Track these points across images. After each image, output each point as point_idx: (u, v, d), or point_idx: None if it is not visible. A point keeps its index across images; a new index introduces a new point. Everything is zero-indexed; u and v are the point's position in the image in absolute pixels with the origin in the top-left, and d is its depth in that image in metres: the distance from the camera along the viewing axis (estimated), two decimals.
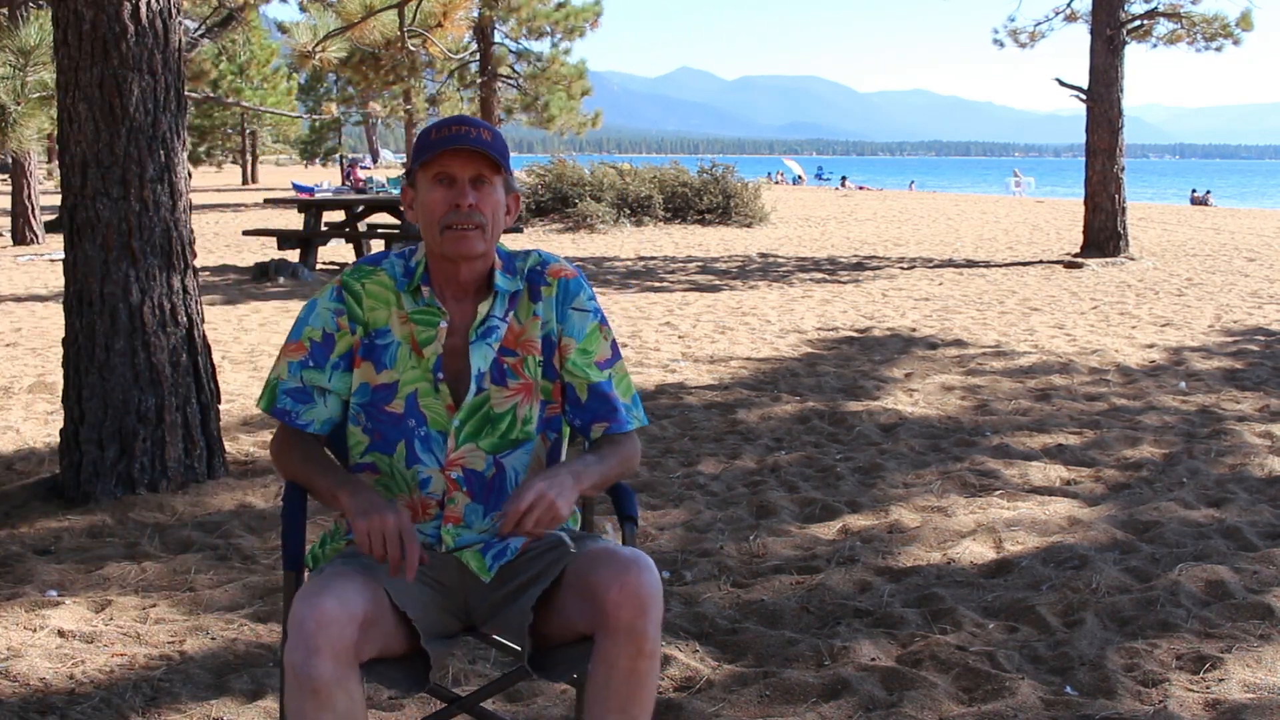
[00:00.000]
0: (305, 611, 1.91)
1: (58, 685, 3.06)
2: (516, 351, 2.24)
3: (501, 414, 2.23)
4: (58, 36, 4.68)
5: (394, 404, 2.22)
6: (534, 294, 2.26)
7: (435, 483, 2.22)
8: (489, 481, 2.23)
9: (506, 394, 2.23)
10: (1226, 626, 3.44)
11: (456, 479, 2.22)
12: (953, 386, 7.11)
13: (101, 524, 4.42)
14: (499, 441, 2.23)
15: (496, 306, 2.24)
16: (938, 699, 2.98)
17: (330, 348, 2.24)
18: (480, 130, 2.19)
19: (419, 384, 2.22)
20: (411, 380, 2.22)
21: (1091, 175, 16.14)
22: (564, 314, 2.26)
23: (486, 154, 2.16)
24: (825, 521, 4.53)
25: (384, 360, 2.23)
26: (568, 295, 2.27)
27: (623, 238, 20.10)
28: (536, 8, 29.52)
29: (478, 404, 2.22)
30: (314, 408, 2.24)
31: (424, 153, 2.18)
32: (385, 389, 2.23)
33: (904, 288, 12.76)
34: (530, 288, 2.26)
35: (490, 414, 2.22)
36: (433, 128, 2.22)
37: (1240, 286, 12.85)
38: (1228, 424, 6.08)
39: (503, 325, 2.24)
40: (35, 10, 8.08)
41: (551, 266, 2.29)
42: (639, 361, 7.94)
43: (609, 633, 2.01)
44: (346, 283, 2.26)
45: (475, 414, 2.22)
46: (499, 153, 2.18)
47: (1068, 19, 17.91)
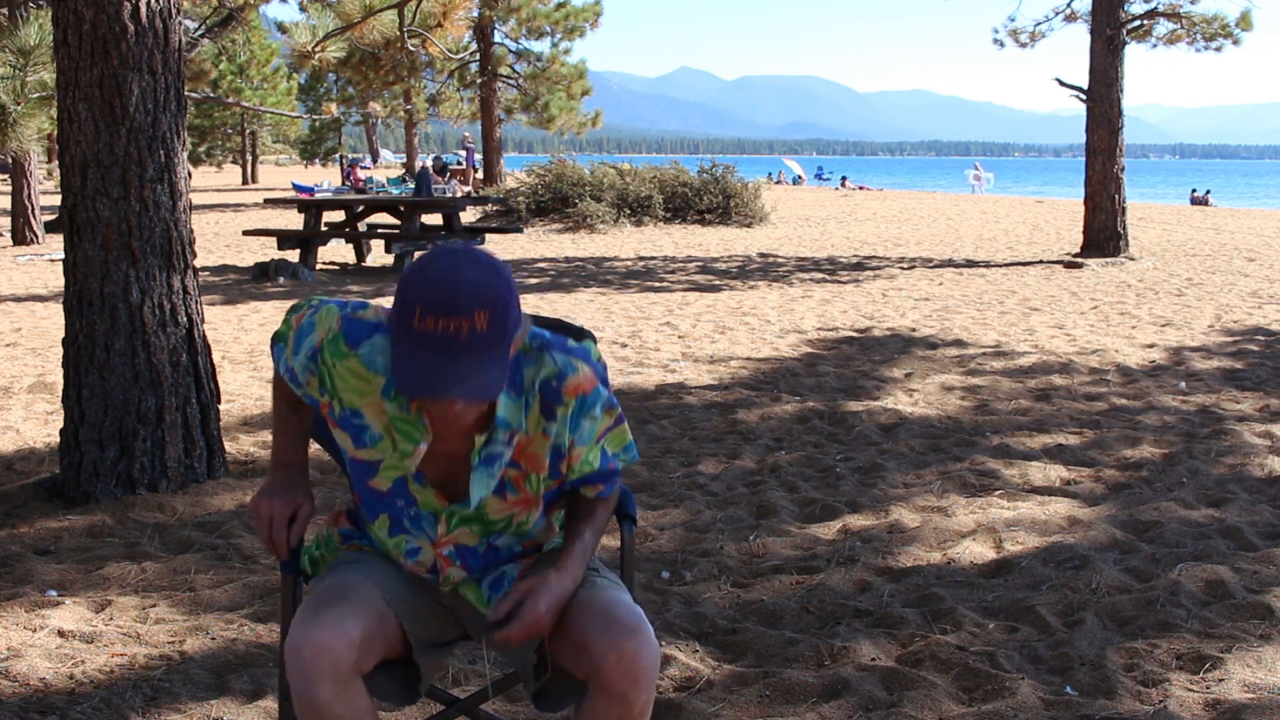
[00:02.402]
0: (300, 640, 1.89)
1: (58, 685, 3.06)
2: (521, 465, 2.04)
3: (497, 520, 2.10)
4: (58, 36, 4.68)
5: (378, 481, 2.06)
6: (547, 411, 2.01)
7: (425, 554, 2.12)
8: (484, 554, 2.14)
9: (503, 506, 2.08)
10: (1226, 626, 3.44)
11: (448, 554, 2.12)
12: (953, 386, 7.11)
13: (101, 524, 4.42)
14: (494, 529, 2.12)
15: (497, 438, 2.00)
16: (938, 699, 2.98)
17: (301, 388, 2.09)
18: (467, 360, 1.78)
19: (406, 474, 2.03)
20: (396, 467, 2.03)
21: (1091, 175, 16.14)
22: (576, 425, 2.05)
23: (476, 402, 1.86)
24: (825, 521, 4.53)
25: (362, 439, 2.03)
26: (584, 409, 2.04)
27: (623, 238, 20.10)
28: (536, 8, 29.55)
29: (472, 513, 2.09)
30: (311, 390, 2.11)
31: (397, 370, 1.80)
32: (366, 465, 2.05)
33: (904, 288, 12.76)
34: (544, 403, 2.00)
35: (484, 517, 2.09)
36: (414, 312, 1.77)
37: (1240, 286, 12.85)
38: (1228, 424, 6.08)
39: (508, 450, 2.01)
40: (35, 10, 8.08)
41: (569, 383, 2.00)
42: (639, 361, 7.94)
43: (600, 694, 1.99)
44: (322, 352, 2.01)
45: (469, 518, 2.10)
46: (495, 381, 1.81)
47: (1068, 19, 17.90)
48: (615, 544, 3.80)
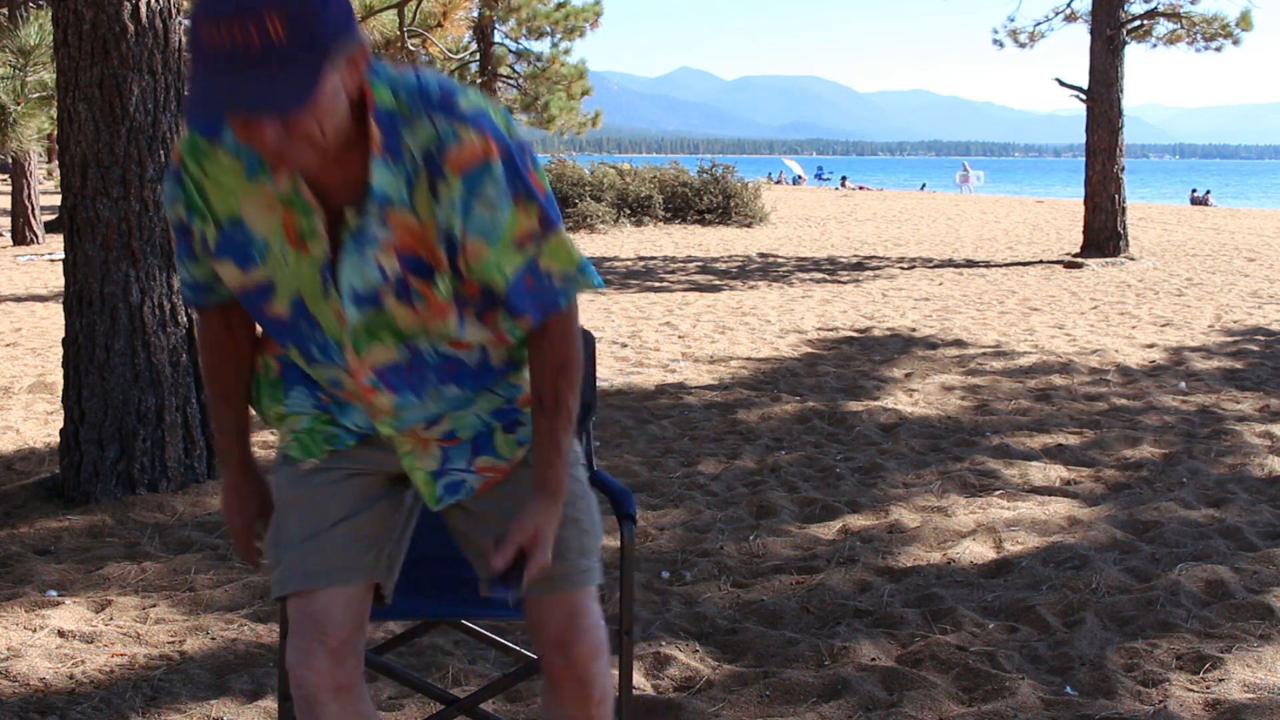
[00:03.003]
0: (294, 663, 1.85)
1: (58, 685, 3.06)
2: (425, 262, 1.71)
3: (404, 328, 1.78)
4: (58, 36, 4.68)
5: (275, 306, 1.77)
6: (434, 188, 1.66)
7: (348, 384, 1.83)
8: (406, 367, 1.80)
9: (414, 316, 1.75)
10: (1226, 626, 3.44)
11: (370, 383, 1.80)
12: (953, 386, 7.11)
13: (101, 524, 4.42)
14: (406, 333, 1.79)
15: (371, 211, 1.67)
16: (938, 699, 2.98)
17: (188, 237, 1.79)
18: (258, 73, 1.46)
19: (306, 284, 1.73)
20: (296, 279, 1.73)
21: (1091, 175, 16.15)
22: (468, 211, 1.68)
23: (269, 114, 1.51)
24: (825, 521, 4.53)
25: (250, 255, 1.73)
26: (473, 189, 1.67)
27: (623, 238, 20.10)
28: (536, 8, 29.53)
29: (374, 321, 1.76)
30: (218, 294, 1.87)
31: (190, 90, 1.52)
32: (259, 290, 1.76)
33: (904, 288, 12.76)
34: (429, 179, 1.65)
35: (393, 326, 1.76)
36: (198, 27, 1.49)
37: (1240, 286, 12.85)
38: (1228, 424, 6.08)
39: (385, 230, 1.68)
40: (35, 10, 8.08)
41: (450, 154, 1.64)
42: (639, 361, 7.94)
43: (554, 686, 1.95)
44: (183, 160, 1.72)
45: (376, 326, 1.77)
46: (294, 90, 1.48)
47: (1068, 19, 17.91)
48: (615, 544, 3.80)
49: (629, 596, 2.42)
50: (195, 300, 1.88)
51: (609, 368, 7.66)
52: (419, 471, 1.89)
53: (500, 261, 1.73)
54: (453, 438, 1.89)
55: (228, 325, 1.93)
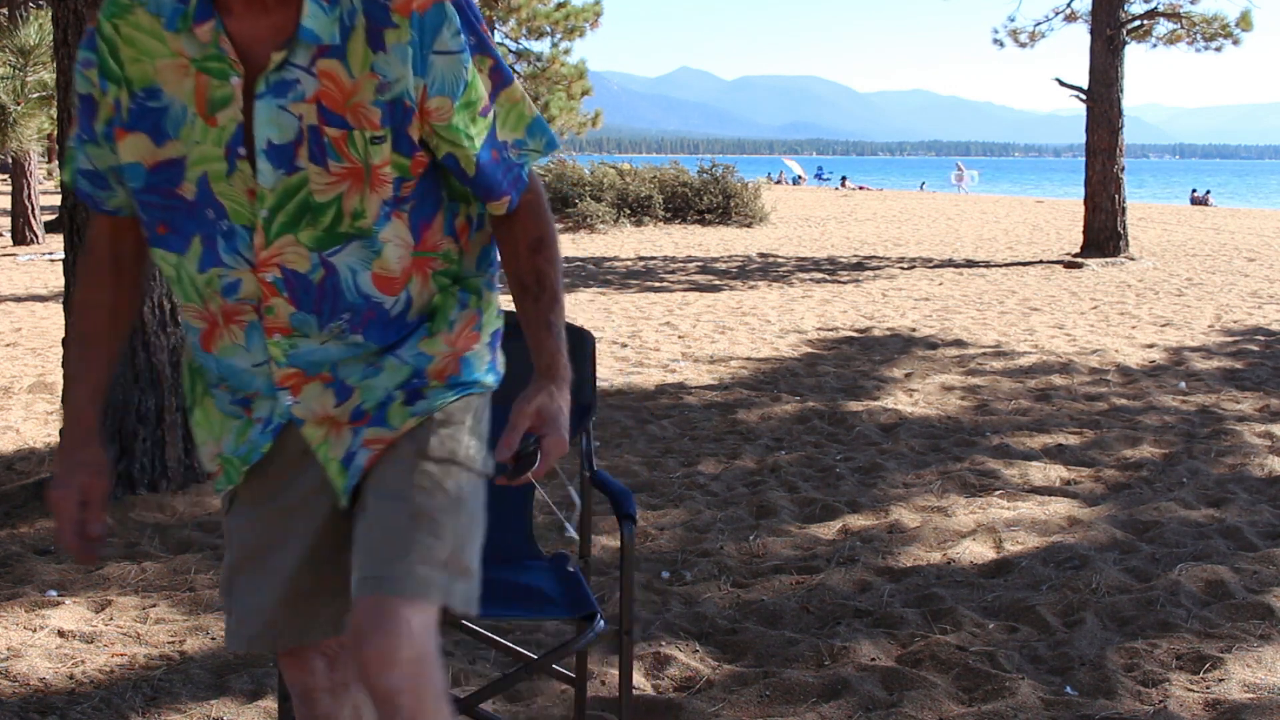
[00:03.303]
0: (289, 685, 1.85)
1: (58, 685, 3.06)
2: (345, 119, 1.55)
3: (323, 204, 1.59)
4: (58, 36, 4.68)
5: (184, 187, 1.60)
6: (374, 39, 1.53)
7: (247, 286, 1.63)
8: (317, 285, 1.62)
9: (328, 180, 1.58)
10: (1226, 626, 3.44)
11: (273, 281, 1.61)
12: (953, 386, 7.12)
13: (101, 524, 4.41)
14: (324, 236, 1.61)
15: (298, 54, 1.53)
16: (938, 699, 2.98)
17: (93, 113, 1.64)
18: None
19: (211, 163, 1.58)
20: (202, 156, 1.58)
21: (1091, 175, 16.15)
22: (424, 63, 1.55)
23: None
24: (825, 521, 4.53)
25: (163, 129, 1.59)
26: (425, 35, 1.54)
27: (623, 238, 20.10)
28: (536, 8, 29.53)
29: (290, 188, 1.58)
30: (114, 194, 1.71)
31: None
32: (169, 167, 1.60)
33: (904, 288, 12.76)
34: (369, 28, 1.53)
35: (309, 202, 1.59)
36: None
37: (1240, 286, 12.85)
38: (1228, 424, 6.08)
39: (310, 79, 1.54)
40: (35, 10, 8.08)
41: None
42: (639, 361, 7.94)
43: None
44: (99, 23, 1.60)
45: (288, 200, 1.58)
46: None
47: (1068, 19, 17.91)
48: (615, 544, 3.80)
49: (629, 596, 2.42)
50: (91, 195, 1.71)
51: (609, 368, 7.66)
52: (333, 462, 1.71)
53: (463, 126, 1.59)
54: (361, 416, 1.70)
55: (114, 250, 1.75)
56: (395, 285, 1.65)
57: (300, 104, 1.54)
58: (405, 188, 1.61)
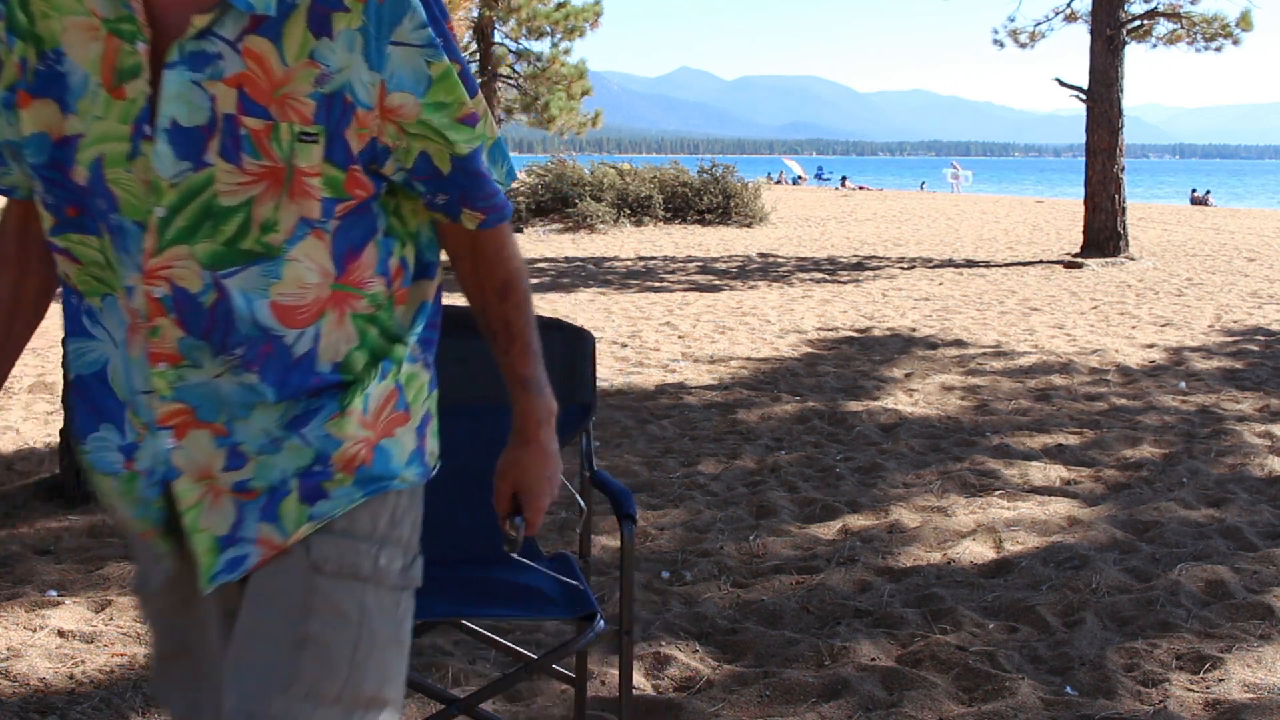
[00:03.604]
0: None
1: (58, 685, 3.06)
2: (268, 110, 1.31)
3: (229, 209, 1.33)
4: None
5: (75, 170, 1.36)
6: (318, 22, 1.32)
7: (137, 296, 1.37)
8: (208, 311, 1.36)
9: (240, 180, 1.32)
10: (1226, 626, 3.44)
11: (161, 298, 1.36)
12: (953, 386, 7.12)
13: (101, 524, 4.42)
14: (222, 251, 1.34)
15: (225, 24, 1.31)
16: (938, 699, 2.98)
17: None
18: None
19: (110, 143, 1.34)
20: (102, 135, 1.34)
21: (1091, 175, 16.15)
22: (380, 55, 1.33)
23: None
24: (825, 521, 4.53)
25: (67, 99, 1.35)
26: (381, 24, 1.33)
27: (623, 238, 20.10)
28: (536, 8, 29.53)
29: (194, 186, 1.32)
30: (10, 172, 1.47)
31: None
32: (68, 145, 1.37)
33: (904, 288, 12.76)
34: (314, 8, 1.31)
35: (212, 205, 1.33)
36: None
37: (1240, 286, 12.85)
38: (1228, 424, 6.09)
39: (233, 56, 1.31)
40: None
41: None
42: (639, 361, 7.94)
43: None
44: None
45: (190, 201, 1.33)
46: None
47: (1068, 19, 17.91)
48: (615, 544, 3.80)
49: (629, 596, 2.42)
50: None
51: (609, 368, 7.66)
52: (203, 535, 1.42)
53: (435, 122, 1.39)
54: (246, 490, 1.42)
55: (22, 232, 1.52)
56: (300, 317, 1.39)
57: (217, 83, 1.31)
58: (339, 211, 1.38)
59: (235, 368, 1.38)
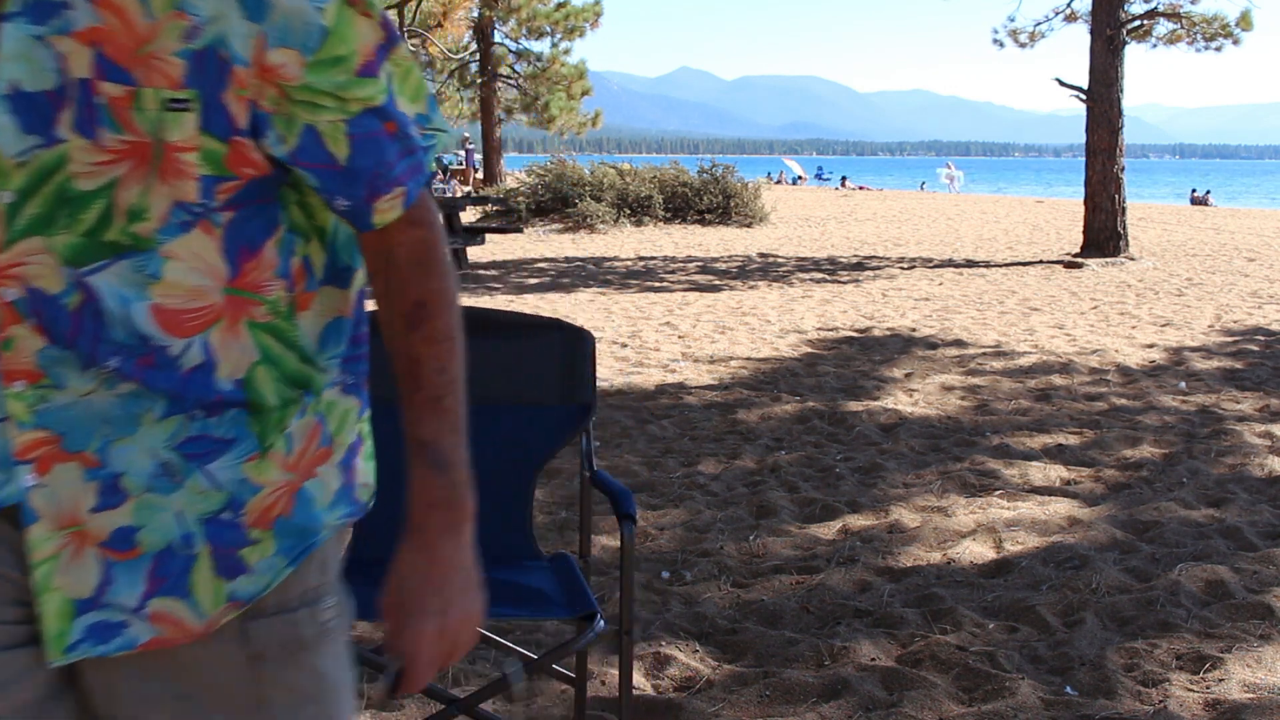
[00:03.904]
0: None
1: None
2: (130, 74, 1.07)
3: (86, 194, 1.10)
4: None
5: None
6: None
7: None
8: (72, 316, 1.12)
9: (98, 159, 1.09)
10: (1226, 626, 3.44)
11: (14, 302, 1.12)
12: (953, 386, 7.12)
13: None
14: (82, 244, 1.11)
15: None
16: (938, 699, 2.98)
17: None
18: None
19: None
20: None
21: (1091, 175, 16.15)
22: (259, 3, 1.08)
23: None
24: (825, 521, 4.53)
25: None
26: None
27: (623, 238, 20.10)
28: (536, 8, 29.56)
29: (45, 166, 1.09)
30: None
31: None
32: None
33: (904, 288, 12.76)
34: None
35: (68, 190, 1.10)
36: None
37: (1240, 286, 12.85)
38: (1228, 424, 6.09)
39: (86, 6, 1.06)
40: None
41: None
42: (639, 361, 7.95)
43: None
44: None
45: (42, 184, 1.10)
46: None
47: (1068, 19, 17.92)
48: (615, 544, 3.81)
49: (629, 596, 2.42)
50: None
51: (609, 368, 7.66)
52: (55, 595, 1.15)
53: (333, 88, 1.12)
54: (127, 543, 1.16)
55: None
56: (187, 325, 1.15)
57: (65, 39, 1.06)
58: (222, 192, 1.13)
59: (110, 380, 1.13)
